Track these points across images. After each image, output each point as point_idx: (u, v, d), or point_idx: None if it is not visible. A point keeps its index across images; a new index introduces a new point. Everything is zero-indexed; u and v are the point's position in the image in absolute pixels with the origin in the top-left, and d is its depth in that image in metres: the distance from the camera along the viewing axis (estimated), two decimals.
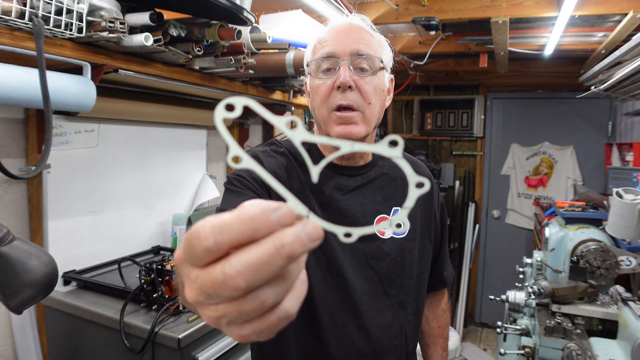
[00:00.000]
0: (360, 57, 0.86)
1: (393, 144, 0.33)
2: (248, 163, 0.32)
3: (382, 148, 0.33)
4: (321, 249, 0.88)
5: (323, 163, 0.36)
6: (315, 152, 0.96)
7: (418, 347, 1.11)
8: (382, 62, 0.89)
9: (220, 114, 0.31)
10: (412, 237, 0.97)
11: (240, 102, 0.31)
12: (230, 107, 0.31)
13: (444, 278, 1.13)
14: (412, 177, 0.34)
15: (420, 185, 0.34)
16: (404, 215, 0.34)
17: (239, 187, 0.84)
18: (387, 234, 0.93)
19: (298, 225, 0.28)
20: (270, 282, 0.28)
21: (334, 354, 0.88)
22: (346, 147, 0.34)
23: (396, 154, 0.33)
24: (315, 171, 0.36)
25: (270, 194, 0.86)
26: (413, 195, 0.34)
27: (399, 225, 0.34)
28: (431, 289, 1.11)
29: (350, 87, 0.84)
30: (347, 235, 0.33)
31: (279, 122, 0.33)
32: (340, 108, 0.85)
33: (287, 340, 0.89)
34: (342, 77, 0.84)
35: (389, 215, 0.94)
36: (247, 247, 0.27)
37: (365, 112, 0.86)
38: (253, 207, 0.28)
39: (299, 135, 0.34)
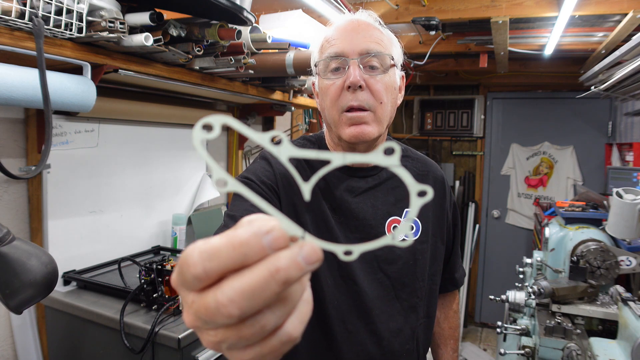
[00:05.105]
0: (370, 55, 0.83)
1: (389, 152, 0.30)
2: (234, 186, 0.30)
3: (377, 157, 0.30)
4: (332, 254, 0.87)
5: (314, 180, 0.32)
6: (325, 149, 0.93)
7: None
8: (392, 59, 0.87)
9: (198, 135, 0.28)
10: (425, 239, 0.95)
11: (218, 120, 0.28)
12: (208, 127, 0.28)
13: (456, 279, 1.12)
14: (413, 187, 0.31)
15: (422, 194, 0.31)
16: (407, 227, 0.32)
17: None
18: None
19: (294, 248, 0.27)
20: (270, 305, 0.27)
21: (345, 359, 0.87)
22: (337, 160, 0.31)
23: (393, 163, 0.30)
24: (306, 188, 0.33)
25: (279, 198, 0.85)
26: (415, 205, 0.31)
27: (402, 240, 0.32)
28: (442, 290, 1.09)
29: (360, 86, 0.82)
30: (348, 253, 0.31)
31: (262, 139, 0.30)
32: (351, 109, 0.83)
33: (297, 346, 0.88)
34: (352, 76, 0.81)
35: (401, 217, 0.93)
36: (240, 272, 0.26)
37: (377, 111, 0.84)
38: (244, 230, 0.26)
39: (285, 152, 0.31)
